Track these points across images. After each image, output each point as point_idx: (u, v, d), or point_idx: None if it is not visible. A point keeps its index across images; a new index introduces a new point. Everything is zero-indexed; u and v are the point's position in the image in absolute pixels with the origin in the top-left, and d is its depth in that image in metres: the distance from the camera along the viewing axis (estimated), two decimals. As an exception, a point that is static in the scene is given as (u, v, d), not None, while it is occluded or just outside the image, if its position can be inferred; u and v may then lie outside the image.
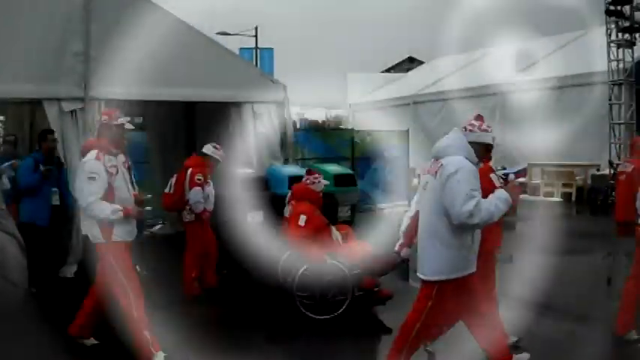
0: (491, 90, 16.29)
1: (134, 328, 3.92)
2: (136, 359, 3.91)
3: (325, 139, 12.43)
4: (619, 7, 11.85)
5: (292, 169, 8.23)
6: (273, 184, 7.78)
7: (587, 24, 16.78)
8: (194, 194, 5.68)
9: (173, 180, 6.01)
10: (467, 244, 3.39)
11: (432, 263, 3.43)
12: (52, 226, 5.80)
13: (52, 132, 6.09)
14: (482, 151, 3.54)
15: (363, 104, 22.73)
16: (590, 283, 6.06)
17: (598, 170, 13.18)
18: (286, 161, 8.82)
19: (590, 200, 12.64)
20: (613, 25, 12.11)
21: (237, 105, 8.48)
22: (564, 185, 13.55)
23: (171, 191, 5.94)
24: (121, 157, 4.19)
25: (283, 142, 8.86)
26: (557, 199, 13.33)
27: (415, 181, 14.24)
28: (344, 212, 8.35)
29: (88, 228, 4.11)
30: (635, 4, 11.93)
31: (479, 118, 3.62)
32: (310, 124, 21.88)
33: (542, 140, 13.41)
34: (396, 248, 3.89)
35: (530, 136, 13.73)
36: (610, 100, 12.35)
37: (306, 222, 5.02)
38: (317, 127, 20.25)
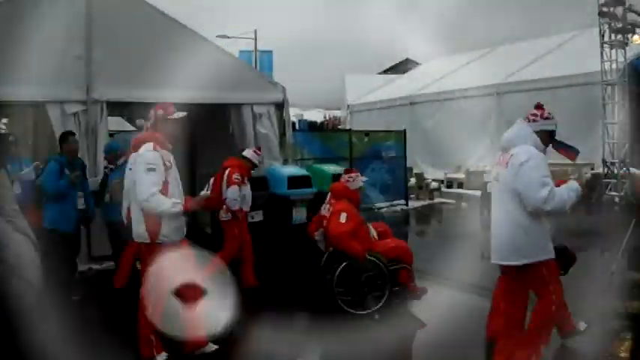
0: (487, 91, 16.42)
1: (142, 327, 3.97)
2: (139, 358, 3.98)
3: (324, 140, 12.53)
4: (612, 9, 11.97)
5: (291, 170, 8.34)
6: (273, 184, 7.91)
7: (580, 25, 16.95)
8: (231, 192, 5.86)
9: (211, 180, 6.20)
10: (546, 227, 3.53)
11: (520, 248, 3.49)
12: (77, 230, 5.67)
13: (73, 134, 5.93)
14: (547, 139, 3.68)
15: (361, 105, 22.84)
16: (587, 279, 6.16)
17: (592, 169, 13.32)
18: (285, 161, 8.95)
19: (585, 199, 12.79)
20: (606, 27, 12.22)
21: (237, 106, 8.62)
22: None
23: (209, 191, 6.06)
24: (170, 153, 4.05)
25: (282, 143, 8.99)
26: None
27: (412, 180, 14.41)
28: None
29: (135, 226, 3.94)
30: (627, 5, 12.06)
31: (539, 107, 3.75)
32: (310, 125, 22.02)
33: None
34: None
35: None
36: (603, 100, 12.48)
37: (347, 219, 5.14)
38: (316, 128, 20.38)
